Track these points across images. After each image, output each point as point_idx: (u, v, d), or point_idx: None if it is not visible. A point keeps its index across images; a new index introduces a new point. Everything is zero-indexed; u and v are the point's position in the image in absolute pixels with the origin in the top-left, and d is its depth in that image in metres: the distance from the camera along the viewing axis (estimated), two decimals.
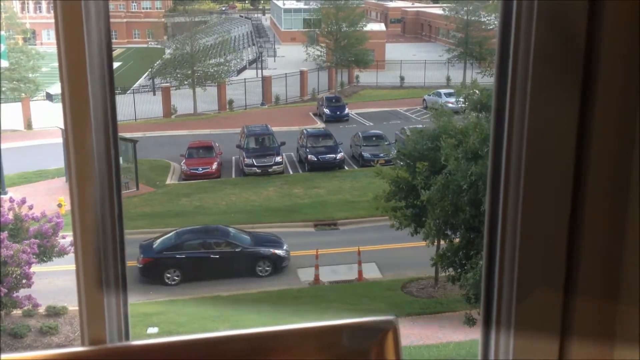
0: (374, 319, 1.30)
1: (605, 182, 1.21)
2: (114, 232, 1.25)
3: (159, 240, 18.77)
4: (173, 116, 35.31)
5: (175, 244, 18.48)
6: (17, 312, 15.16)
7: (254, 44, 51.70)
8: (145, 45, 51.97)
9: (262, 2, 71.31)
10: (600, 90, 1.18)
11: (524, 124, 1.21)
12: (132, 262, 17.66)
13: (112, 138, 1.23)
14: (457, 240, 14.68)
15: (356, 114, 34.80)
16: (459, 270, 14.29)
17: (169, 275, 17.80)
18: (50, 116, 31.06)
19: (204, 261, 18.07)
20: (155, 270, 17.79)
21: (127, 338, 1.30)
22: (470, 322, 13.48)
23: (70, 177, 1.21)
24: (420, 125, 24.02)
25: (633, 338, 1.24)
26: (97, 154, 1.21)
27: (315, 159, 26.49)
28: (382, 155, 23.92)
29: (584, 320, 1.26)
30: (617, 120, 1.19)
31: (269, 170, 26.06)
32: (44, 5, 54.19)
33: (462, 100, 18.90)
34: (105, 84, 1.20)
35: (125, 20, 56.53)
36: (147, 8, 59.40)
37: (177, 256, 18.00)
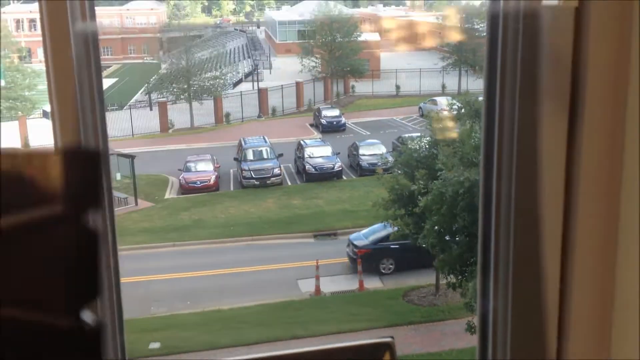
0: (371, 341, 1.30)
1: (597, 185, 1.22)
2: (108, 249, 1.24)
3: (366, 232, 19.54)
4: (170, 130, 35.36)
5: (386, 235, 18.82)
6: None
7: (249, 57, 51.85)
8: (141, 61, 52.14)
9: (256, 15, 71.57)
10: (588, 97, 1.18)
11: (513, 131, 1.21)
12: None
13: (102, 153, 1.23)
14: (457, 246, 14.69)
15: (353, 123, 34.87)
16: (460, 277, 14.28)
17: (383, 265, 18.52)
18: (47, 134, 31.07)
19: (415, 250, 18.15)
20: (371, 261, 18.50)
21: (123, 356, 1.30)
22: (472, 329, 13.46)
23: None
24: (417, 134, 24.06)
25: (630, 338, 1.24)
26: None
27: (313, 170, 26.51)
28: (379, 164, 23.96)
29: (581, 321, 1.26)
30: (605, 124, 1.19)
31: (267, 182, 26.07)
32: (39, 23, 54.32)
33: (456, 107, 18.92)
34: (94, 100, 1.20)
35: (120, 36, 56.69)
36: (142, 24, 59.61)
37: (391, 246, 18.49)
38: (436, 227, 14.43)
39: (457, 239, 14.55)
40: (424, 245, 15.35)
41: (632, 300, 1.21)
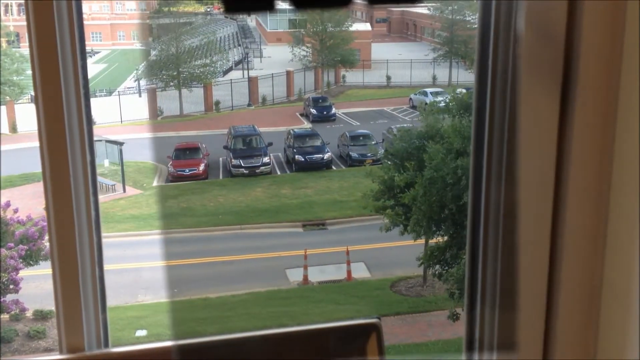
0: (358, 322, 1.30)
1: (586, 178, 1.21)
2: (91, 237, 1.23)
3: None
4: (159, 118, 35.18)
5: None
6: (4, 316, 15.05)
7: (239, 45, 51.62)
8: (130, 47, 51.81)
9: None
10: (579, 88, 1.18)
11: (504, 122, 1.20)
12: None
13: (87, 141, 1.21)
14: (445, 237, 14.75)
15: (343, 113, 34.83)
16: (447, 268, 14.38)
17: None
18: (34, 119, 30.80)
19: None
20: None
21: (106, 345, 1.28)
22: (453, 317, 13.66)
23: (45, 182, 1.19)
24: (407, 125, 24.07)
25: (615, 338, 1.24)
26: (72, 157, 1.19)
27: (303, 159, 26.47)
28: (369, 155, 23.95)
29: (567, 321, 1.26)
30: (596, 116, 1.18)
31: (257, 171, 26.00)
32: None
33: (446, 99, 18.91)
34: (79, 86, 1.18)
35: (109, 22, 56.27)
36: (132, 9, 59.15)
37: None
38: (424, 216, 14.49)
39: (442, 228, 14.62)
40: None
41: (619, 300, 1.21)
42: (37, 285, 16.13)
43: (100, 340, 1.26)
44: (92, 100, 35.78)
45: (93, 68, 45.92)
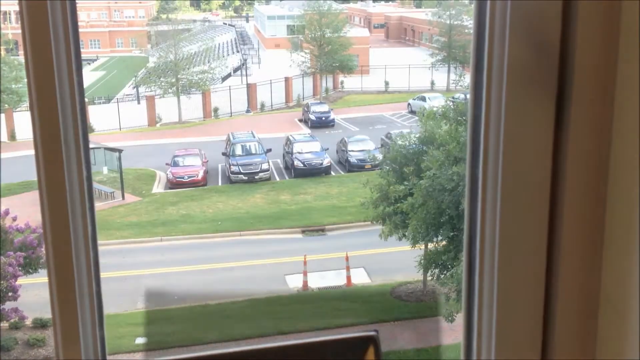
0: (356, 335, 1.29)
1: (582, 182, 1.21)
2: (87, 247, 1.22)
3: None
4: (158, 124, 35.22)
5: None
6: (4, 324, 15.02)
7: (238, 51, 51.70)
8: (129, 54, 51.91)
9: (245, 9, 71.37)
10: (575, 94, 1.18)
11: (499, 129, 1.20)
12: None
13: (82, 149, 1.20)
14: (443, 243, 14.77)
15: (342, 119, 34.87)
16: (445, 272, 14.43)
17: None
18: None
19: None
20: None
21: (103, 358, 1.27)
22: (449, 318, 13.80)
23: (40, 190, 1.18)
24: (406, 130, 24.10)
25: (615, 338, 1.23)
26: (67, 165, 1.18)
27: (302, 165, 26.49)
28: (368, 160, 23.96)
29: (566, 320, 1.26)
30: (592, 122, 1.19)
31: (256, 177, 26.02)
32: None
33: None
34: (74, 92, 1.18)
35: (108, 29, 56.36)
36: (130, 17, 59.30)
37: None
38: (422, 223, 14.51)
39: (441, 233, 14.63)
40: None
41: (618, 300, 1.20)
42: (36, 293, 16.11)
43: (98, 353, 1.25)
44: (91, 108, 35.76)
45: (91, 75, 45.98)
